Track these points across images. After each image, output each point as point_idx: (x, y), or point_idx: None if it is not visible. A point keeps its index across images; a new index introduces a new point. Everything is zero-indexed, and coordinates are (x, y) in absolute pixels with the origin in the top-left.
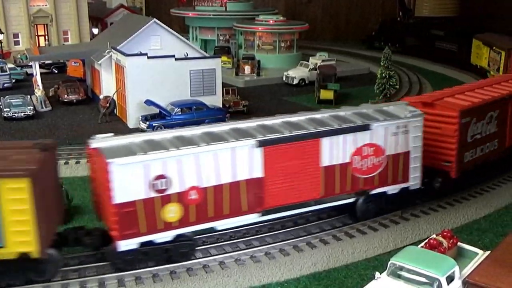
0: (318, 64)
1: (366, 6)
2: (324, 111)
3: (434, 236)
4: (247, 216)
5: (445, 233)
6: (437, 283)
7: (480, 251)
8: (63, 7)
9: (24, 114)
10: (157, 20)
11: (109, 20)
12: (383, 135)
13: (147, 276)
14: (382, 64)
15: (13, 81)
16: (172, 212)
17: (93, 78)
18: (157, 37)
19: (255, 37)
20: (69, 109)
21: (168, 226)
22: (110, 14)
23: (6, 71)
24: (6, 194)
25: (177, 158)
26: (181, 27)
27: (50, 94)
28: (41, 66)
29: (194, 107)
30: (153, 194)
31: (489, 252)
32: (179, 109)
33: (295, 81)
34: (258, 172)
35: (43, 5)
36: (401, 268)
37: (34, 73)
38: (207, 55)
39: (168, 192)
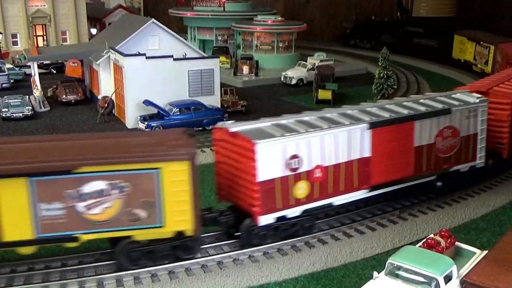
0: (316, 64)
1: (364, 6)
2: (396, 100)
3: (432, 235)
4: (358, 192)
5: (442, 233)
6: (435, 282)
7: (477, 251)
8: (61, 8)
9: (22, 114)
10: (155, 20)
11: (108, 20)
12: (459, 119)
13: (146, 276)
14: (380, 64)
15: (12, 81)
16: (301, 189)
17: (91, 78)
18: (155, 37)
19: (253, 37)
20: (68, 109)
21: (298, 202)
22: (108, 14)
23: (5, 71)
24: (169, 176)
25: (307, 139)
26: (179, 27)
27: (49, 94)
28: (39, 66)
29: (193, 107)
30: (288, 173)
31: (486, 251)
32: (178, 109)
33: (293, 81)
34: (366, 152)
35: (41, 6)
36: (399, 268)
37: (33, 73)
38: (205, 55)
39: (299, 170)
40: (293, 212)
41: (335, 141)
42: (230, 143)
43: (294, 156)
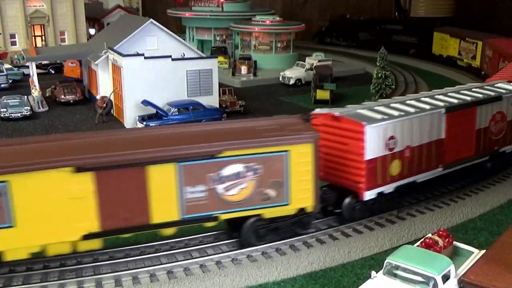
0: (315, 64)
1: (363, 6)
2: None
3: (429, 235)
4: (435, 170)
5: (440, 232)
6: (433, 282)
7: (475, 250)
8: (59, 8)
9: (21, 115)
10: (153, 21)
11: (106, 20)
12: (506, 105)
13: (144, 276)
14: (378, 64)
15: (10, 81)
16: (395, 167)
17: (90, 79)
18: (154, 38)
19: (251, 37)
20: (66, 109)
21: (392, 179)
22: (107, 14)
23: (3, 72)
24: (296, 157)
25: (401, 122)
26: (178, 28)
27: (47, 95)
28: (38, 67)
29: (191, 107)
30: (387, 152)
31: (484, 251)
32: (176, 109)
33: (292, 81)
34: (442, 134)
35: (39, 6)
36: (397, 267)
37: (31, 74)
38: (203, 55)
39: (395, 150)
40: (389, 188)
41: (420, 124)
42: (333, 127)
43: (392, 137)
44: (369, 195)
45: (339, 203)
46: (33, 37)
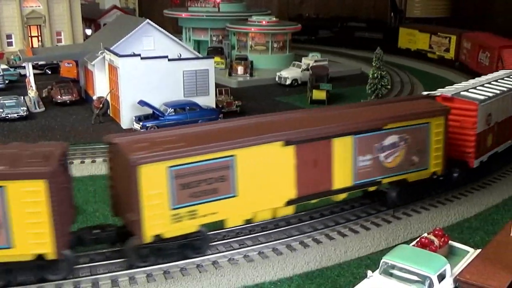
0: (311, 65)
1: (358, 7)
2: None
3: (425, 234)
4: (507, 142)
5: (436, 232)
6: (429, 281)
7: (471, 249)
8: (56, 8)
9: (17, 115)
10: (150, 21)
11: (102, 21)
12: None
13: (141, 276)
14: (374, 64)
15: (7, 82)
16: (489, 139)
17: (86, 79)
18: (150, 38)
19: (248, 37)
20: (63, 110)
21: (486, 150)
22: (103, 15)
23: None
24: (434, 128)
25: (496, 100)
26: (174, 28)
27: (44, 95)
28: (34, 67)
29: (188, 107)
30: (486, 127)
31: (479, 250)
32: (173, 110)
33: (288, 82)
34: None
35: (36, 6)
36: (393, 267)
37: (28, 74)
38: (200, 55)
39: (490, 125)
40: (485, 157)
41: (503, 102)
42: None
43: (490, 114)
44: (476, 163)
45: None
46: (30, 38)
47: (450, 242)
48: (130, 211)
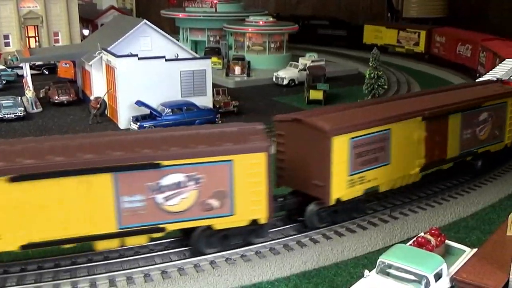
0: (308, 65)
1: (355, 7)
2: None
3: (422, 234)
4: None
5: (433, 231)
6: (425, 280)
7: (467, 249)
8: (53, 9)
9: (14, 115)
10: (147, 21)
11: (100, 21)
12: None
13: (139, 276)
14: (370, 64)
15: (4, 82)
16: None
17: (83, 79)
18: (148, 38)
19: (245, 38)
20: (60, 110)
21: None
22: (100, 15)
23: None
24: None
25: None
26: (171, 29)
27: (41, 95)
28: (31, 68)
29: (185, 107)
30: None
31: (476, 249)
32: (170, 110)
33: (285, 82)
34: None
35: (33, 7)
36: (390, 266)
37: (25, 75)
38: (197, 56)
39: None
40: None
41: None
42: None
43: None
44: None
45: None
46: (27, 38)
47: (446, 241)
48: (317, 179)
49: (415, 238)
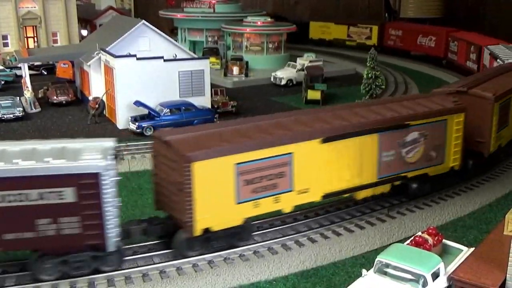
0: (306, 65)
1: (353, 7)
2: None
3: (419, 233)
4: None
5: (430, 231)
6: (423, 279)
7: (464, 248)
8: (52, 9)
9: (13, 116)
10: (146, 22)
11: (98, 21)
12: None
13: (137, 275)
14: (368, 64)
15: (2, 82)
16: None
17: (82, 80)
18: (146, 39)
19: (243, 38)
20: (58, 110)
21: None
22: (99, 15)
23: None
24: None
25: None
26: (170, 29)
27: (40, 96)
28: (30, 68)
29: (183, 108)
30: None
31: (473, 248)
32: (168, 110)
33: (283, 82)
34: None
35: (32, 7)
36: (388, 265)
37: (23, 75)
38: (195, 56)
39: None
40: None
41: None
42: None
43: None
44: None
45: None
46: (25, 38)
47: (444, 240)
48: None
49: (412, 238)
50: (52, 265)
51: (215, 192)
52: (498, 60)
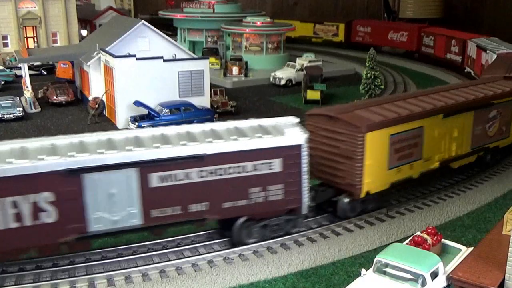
0: (305, 65)
1: (351, 7)
2: None
3: (418, 233)
4: None
5: (429, 230)
6: (422, 279)
7: (463, 247)
8: (51, 9)
9: (13, 116)
10: (145, 22)
11: (98, 22)
12: None
13: (137, 275)
14: (367, 65)
15: (2, 83)
16: None
17: (82, 80)
18: (146, 39)
19: (242, 38)
20: (58, 110)
21: None
22: (98, 16)
23: None
24: None
25: None
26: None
27: (39, 96)
28: (30, 68)
29: (183, 107)
30: None
31: (472, 248)
32: (168, 110)
33: (282, 82)
34: None
35: (31, 7)
36: (387, 265)
37: (23, 75)
38: (195, 56)
39: None
40: None
41: None
42: None
43: None
44: None
45: None
46: (25, 39)
47: (443, 240)
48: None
49: (411, 237)
50: (256, 229)
51: (376, 160)
52: (487, 51)
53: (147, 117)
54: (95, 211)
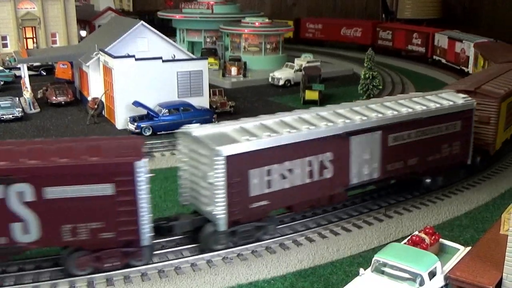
0: (303, 66)
1: (349, 8)
2: None
3: (416, 232)
4: None
5: (427, 230)
6: (420, 278)
7: (461, 247)
8: (51, 10)
9: (12, 116)
10: (144, 23)
11: (97, 22)
12: None
13: (136, 275)
14: (365, 65)
15: (2, 83)
16: None
17: (81, 80)
18: (144, 39)
19: (241, 39)
20: (58, 110)
21: None
22: (98, 16)
23: None
24: None
25: None
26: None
27: (39, 96)
28: (29, 68)
29: (182, 108)
30: None
31: (470, 247)
32: (167, 110)
33: (281, 82)
34: None
35: (31, 8)
36: (385, 264)
37: (23, 75)
38: (194, 57)
39: None
40: None
41: None
42: None
43: None
44: None
45: None
46: (25, 39)
47: (440, 240)
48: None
49: (409, 237)
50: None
51: (502, 123)
52: (463, 41)
53: (146, 117)
54: (355, 167)
